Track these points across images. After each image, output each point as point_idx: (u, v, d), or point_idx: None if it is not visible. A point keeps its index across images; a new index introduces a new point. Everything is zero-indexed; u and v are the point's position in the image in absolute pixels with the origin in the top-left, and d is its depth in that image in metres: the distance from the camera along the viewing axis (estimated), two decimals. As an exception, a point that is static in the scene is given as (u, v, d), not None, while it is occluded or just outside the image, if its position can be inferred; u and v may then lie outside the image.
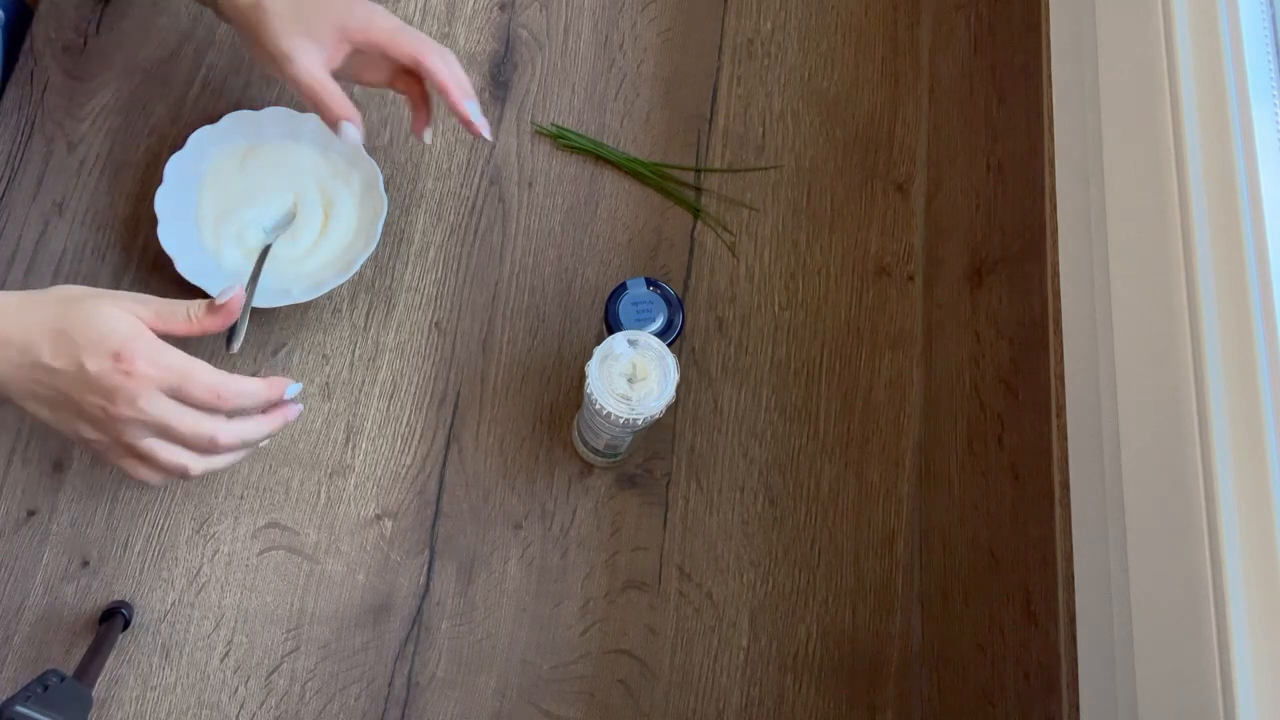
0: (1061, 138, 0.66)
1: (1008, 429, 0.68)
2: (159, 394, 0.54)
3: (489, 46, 0.86)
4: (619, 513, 0.76)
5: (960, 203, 0.80)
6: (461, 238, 0.81)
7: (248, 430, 0.59)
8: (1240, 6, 0.56)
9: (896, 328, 0.83)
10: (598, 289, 0.81)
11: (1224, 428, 0.48)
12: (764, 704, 0.73)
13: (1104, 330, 0.57)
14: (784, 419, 0.80)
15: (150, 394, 0.54)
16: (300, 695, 0.69)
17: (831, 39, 0.90)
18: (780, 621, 0.75)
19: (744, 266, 0.83)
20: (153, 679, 0.68)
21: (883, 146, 0.88)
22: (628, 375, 0.62)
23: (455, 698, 0.70)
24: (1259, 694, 0.45)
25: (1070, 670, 0.58)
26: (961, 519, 0.72)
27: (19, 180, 0.76)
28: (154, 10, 0.83)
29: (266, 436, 0.60)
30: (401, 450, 0.75)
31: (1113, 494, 0.54)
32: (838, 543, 0.77)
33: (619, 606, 0.74)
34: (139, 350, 0.54)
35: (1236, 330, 0.50)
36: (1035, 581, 0.63)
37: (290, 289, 0.73)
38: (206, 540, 0.71)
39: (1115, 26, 0.61)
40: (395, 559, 0.73)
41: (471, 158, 0.83)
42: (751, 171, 0.86)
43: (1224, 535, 0.47)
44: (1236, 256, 0.51)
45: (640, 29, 0.88)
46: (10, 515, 0.70)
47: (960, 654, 0.70)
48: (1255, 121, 0.53)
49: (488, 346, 0.78)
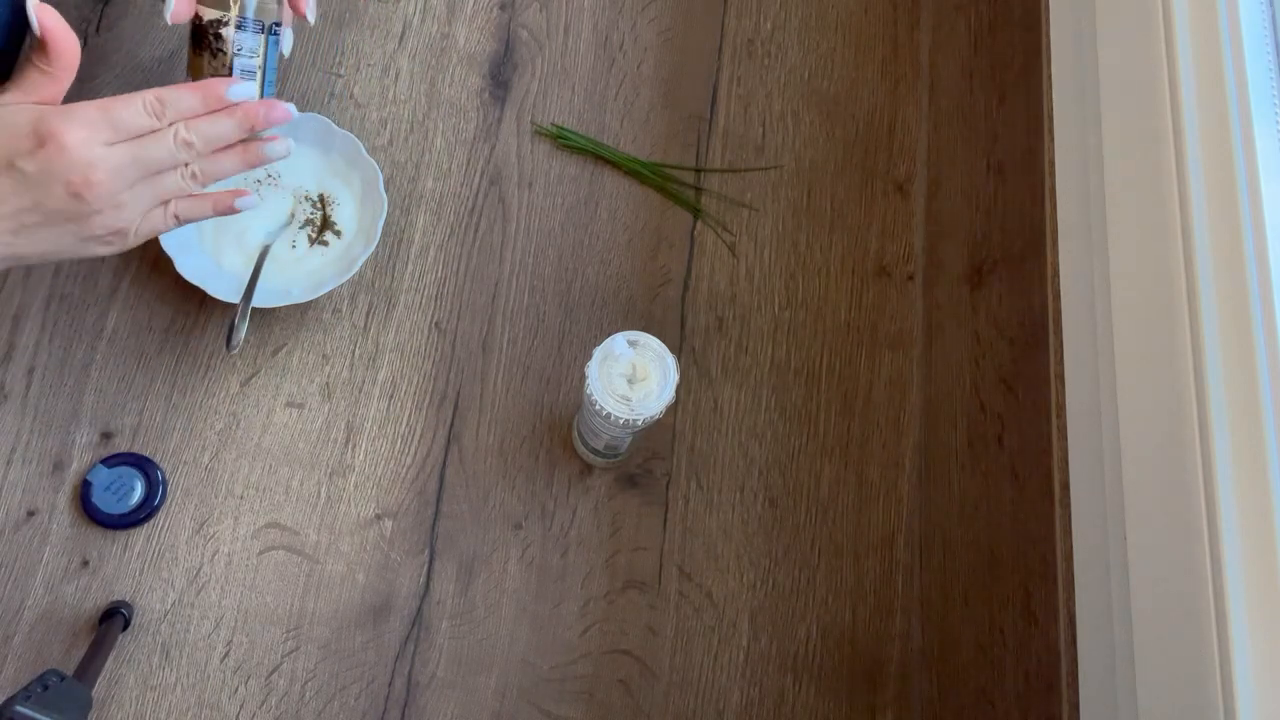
0: (1061, 138, 0.66)
1: (1008, 429, 0.68)
2: (106, 146, 0.53)
3: (489, 46, 0.86)
4: (619, 513, 0.76)
5: (960, 203, 0.80)
6: (461, 238, 0.81)
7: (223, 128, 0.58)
8: (1240, 6, 0.56)
9: (896, 328, 0.83)
10: (598, 289, 0.81)
11: (1224, 428, 0.48)
12: (764, 704, 0.73)
13: (1104, 330, 0.57)
14: (784, 419, 0.80)
15: (97, 152, 0.53)
16: (300, 695, 0.69)
17: (831, 39, 0.90)
18: (780, 621, 0.75)
19: (744, 266, 0.83)
20: (153, 679, 0.68)
21: (883, 146, 0.88)
22: (628, 376, 0.62)
23: (455, 698, 0.70)
24: (1259, 694, 0.45)
25: (1070, 670, 0.58)
26: (961, 519, 0.72)
27: (19, 180, 0.76)
28: (154, 10, 0.82)
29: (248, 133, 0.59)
30: (401, 450, 0.75)
31: (1113, 494, 0.54)
32: (838, 543, 0.77)
33: (619, 606, 0.74)
34: (52, 124, 0.52)
35: (1236, 330, 0.50)
36: (1035, 581, 0.63)
37: (290, 289, 0.73)
38: (206, 540, 0.71)
39: (1115, 26, 0.61)
40: (395, 559, 0.73)
41: (471, 157, 0.83)
42: (751, 171, 0.86)
43: (1224, 535, 0.47)
44: (1236, 257, 0.51)
45: (640, 29, 0.88)
46: (10, 515, 0.70)
47: (960, 654, 0.70)
48: (1255, 122, 0.53)
49: (488, 346, 0.78)
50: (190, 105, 0.57)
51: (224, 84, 0.58)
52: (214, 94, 0.58)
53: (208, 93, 0.57)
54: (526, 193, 0.83)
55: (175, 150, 0.56)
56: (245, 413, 0.74)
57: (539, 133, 0.84)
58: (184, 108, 0.56)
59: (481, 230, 0.81)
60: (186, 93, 0.56)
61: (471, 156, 0.83)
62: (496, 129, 0.84)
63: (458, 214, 0.81)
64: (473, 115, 0.84)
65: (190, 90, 0.57)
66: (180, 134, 0.56)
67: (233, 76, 0.61)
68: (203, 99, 0.57)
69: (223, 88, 0.58)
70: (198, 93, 0.57)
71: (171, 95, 0.56)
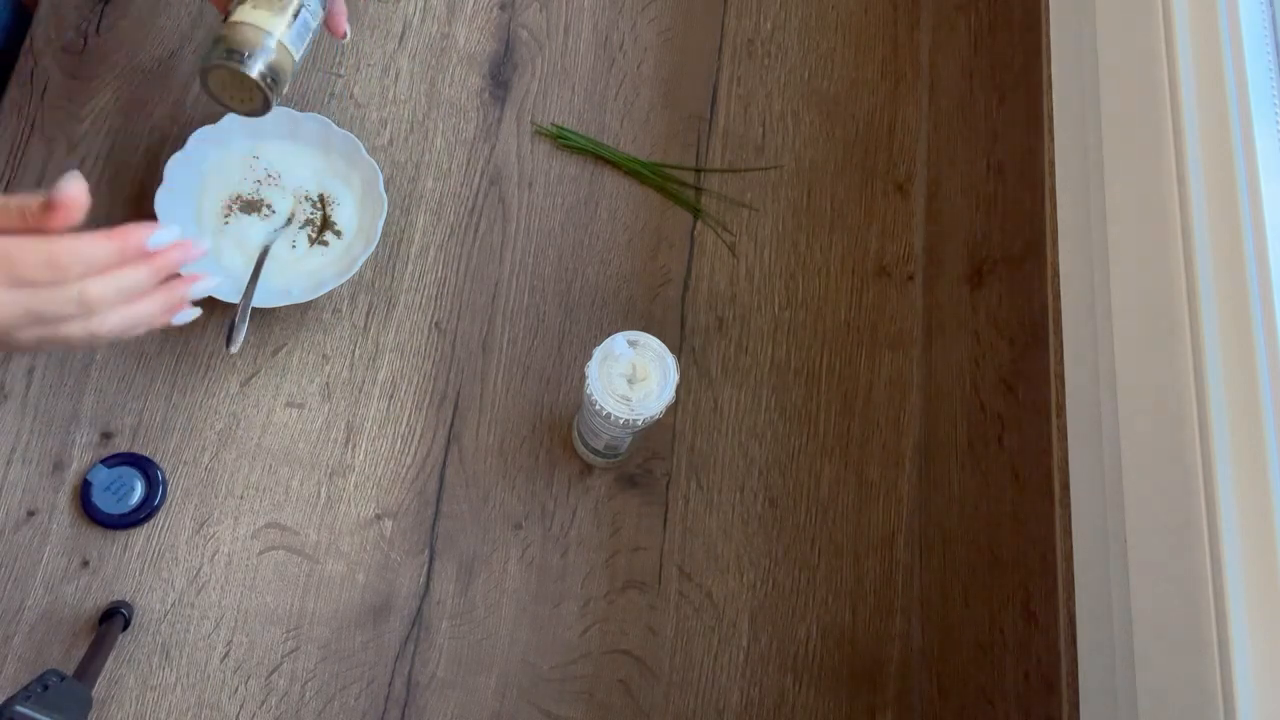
0: (1061, 138, 0.66)
1: (1008, 429, 0.68)
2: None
3: (489, 46, 0.86)
4: (619, 513, 0.76)
5: (960, 203, 0.80)
6: (461, 238, 0.81)
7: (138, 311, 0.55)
8: (1240, 7, 0.56)
9: (896, 328, 0.83)
10: (598, 289, 0.81)
11: (1224, 428, 0.48)
12: (764, 704, 0.73)
13: (1104, 330, 0.57)
14: (784, 419, 0.80)
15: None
16: (300, 695, 0.69)
17: (831, 39, 0.90)
18: (780, 621, 0.75)
19: (744, 266, 0.83)
20: (153, 679, 0.68)
21: (883, 146, 0.88)
22: (628, 376, 0.62)
23: (455, 698, 0.70)
24: (1259, 694, 0.45)
25: (1070, 670, 0.58)
26: (961, 519, 0.72)
27: (19, 180, 0.76)
28: (154, 10, 0.82)
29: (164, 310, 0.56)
30: (401, 450, 0.75)
31: (1113, 494, 0.54)
32: (838, 543, 0.77)
33: (619, 606, 0.74)
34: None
35: (1236, 330, 0.50)
36: (1035, 581, 0.63)
37: (290, 289, 0.74)
38: (206, 540, 0.71)
39: (1115, 27, 0.61)
40: (395, 559, 0.73)
41: (471, 157, 0.83)
42: (751, 171, 0.86)
43: (1224, 535, 0.47)
44: (1236, 257, 0.51)
45: (640, 29, 0.88)
46: (10, 515, 0.70)
47: (960, 654, 0.70)
48: (1255, 122, 0.53)
49: (488, 346, 0.78)
50: (102, 258, 0.53)
51: (144, 233, 0.54)
52: (132, 245, 0.54)
53: (126, 243, 0.53)
54: (526, 193, 0.83)
55: (74, 307, 0.52)
56: (245, 413, 0.74)
57: (539, 133, 0.84)
58: (95, 261, 0.52)
59: (481, 230, 0.81)
60: (102, 243, 0.52)
61: (471, 156, 0.83)
62: (496, 129, 0.84)
63: (458, 214, 0.81)
64: (473, 115, 0.84)
65: (106, 240, 0.53)
66: (85, 292, 0.52)
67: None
68: (119, 250, 0.53)
69: (143, 236, 0.54)
70: (114, 242, 0.53)
71: (84, 249, 0.52)
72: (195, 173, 0.75)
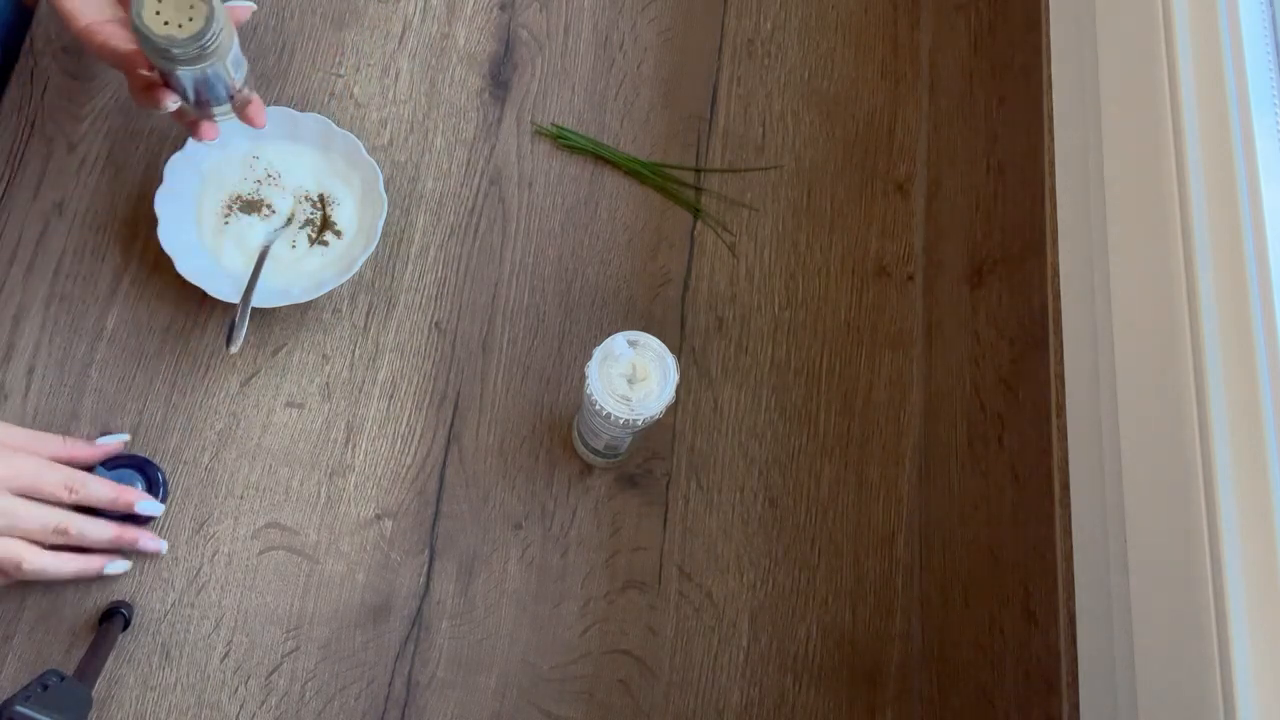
0: (1061, 138, 0.66)
1: (1008, 429, 0.68)
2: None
3: (489, 46, 0.86)
4: (619, 513, 0.76)
5: (960, 203, 0.80)
6: (461, 238, 0.81)
7: (93, 529, 0.65)
8: (1240, 7, 0.56)
9: (896, 328, 0.83)
10: (598, 289, 0.81)
11: (1224, 428, 0.48)
12: (764, 704, 0.73)
13: (1104, 330, 0.57)
14: (784, 419, 0.80)
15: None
16: (300, 695, 0.69)
17: (831, 39, 0.90)
18: (780, 621, 0.75)
19: (744, 266, 0.83)
20: (153, 679, 0.68)
21: (883, 146, 0.88)
22: (628, 376, 0.62)
23: (455, 698, 0.70)
24: (1259, 694, 0.45)
25: (1070, 670, 0.58)
26: (961, 519, 0.72)
27: (19, 180, 0.76)
28: (154, 10, 0.82)
29: (109, 545, 0.66)
30: (401, 450, 0.75)
31: (1113, 494, 0.54)
32: (838, 543, 0.77)
33: (619, 606, 0.74)
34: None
35: (1236, 330, 0.50)
36: (1035, 581, 0.63)
37: (290, 289, 0.74)
38: (206, 540, 0.71)
39: (1115, 26, 0.61)
40: (395, 559, 0.73)
41: (471, 157, 0.83)
42: (751, 171, 0.86)
43: (1224, 535, 0.47)
44: (1236, 257, 0.51)
45: (640, 29, 0.88)
46: (10, 515, 0.70)
47: (960, 654, 0.70)
48: (1255, 122, 0.53)
49: (488, 346, 0.78)
50: (101, 500, 0.66)
51: (136, 497, 0.67)
52: (124, 501, 0.67)
53: (122, 497, 0.67)
54: (526, 193, 0.83)
55: (49, 529, 0.63)
56: (245, 413, 0.74)
57: (539, 133, 0.84)
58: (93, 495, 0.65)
59: (481, 230, 0.81)
60: (104, 491, 0.66)
61: (471, 156, 0.83)
62: (496, 129, 0.84)
63: (458, 214, 0.81)
64: (473, 115, 0.84)
65: (106, 489, 0.66)
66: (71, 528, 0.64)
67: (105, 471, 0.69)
68: (111, 494, 0.66)
69: (134, 498, 0.67)
70: (118, 496, 0.66)
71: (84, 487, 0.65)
72: (195, 173, 0.75)
